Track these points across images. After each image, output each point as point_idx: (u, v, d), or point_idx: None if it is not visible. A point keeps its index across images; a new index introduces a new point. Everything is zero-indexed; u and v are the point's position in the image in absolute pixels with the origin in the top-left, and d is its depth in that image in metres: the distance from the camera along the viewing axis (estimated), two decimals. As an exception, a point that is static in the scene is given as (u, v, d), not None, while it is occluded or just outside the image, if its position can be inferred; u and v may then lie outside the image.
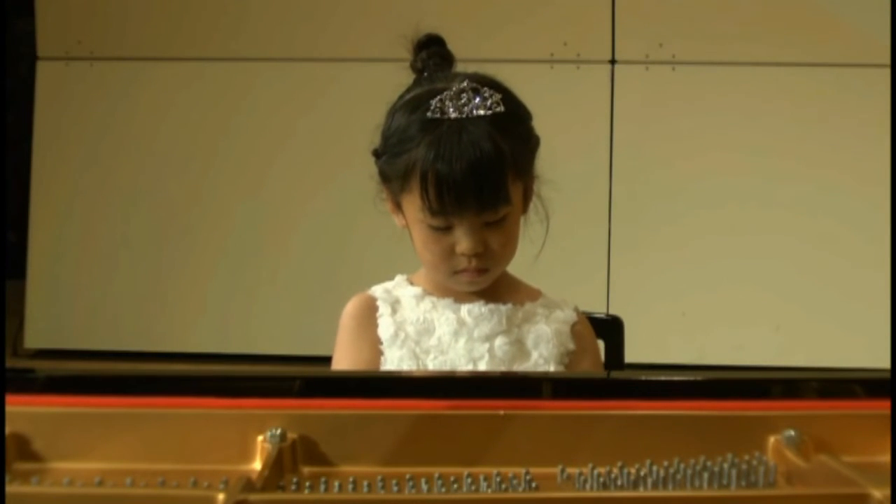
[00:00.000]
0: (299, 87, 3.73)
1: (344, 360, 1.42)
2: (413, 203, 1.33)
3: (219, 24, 3.75)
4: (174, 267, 3.80)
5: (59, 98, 3.78)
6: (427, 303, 1.42)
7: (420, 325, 1.40)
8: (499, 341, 1.39)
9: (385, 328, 1.41)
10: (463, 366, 1.38)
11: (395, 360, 1.39)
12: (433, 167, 1.29)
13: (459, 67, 1.41)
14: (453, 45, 1.44)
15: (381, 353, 1.40)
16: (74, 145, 3.80)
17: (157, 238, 3.80)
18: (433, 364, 1.38)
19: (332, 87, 3.67)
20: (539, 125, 1.42)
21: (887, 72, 3.44)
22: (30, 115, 3.81)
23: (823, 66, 3.58)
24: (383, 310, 1.42)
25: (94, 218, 3.81)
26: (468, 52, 1.43)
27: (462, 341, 1.39)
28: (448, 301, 1.41)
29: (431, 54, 1.40)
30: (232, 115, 3.76)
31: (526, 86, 1.42)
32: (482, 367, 1.37)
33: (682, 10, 3.62)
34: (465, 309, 1.40)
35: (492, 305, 1.41)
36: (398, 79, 1.42)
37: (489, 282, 1.40)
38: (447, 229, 1.33)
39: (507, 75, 1.40)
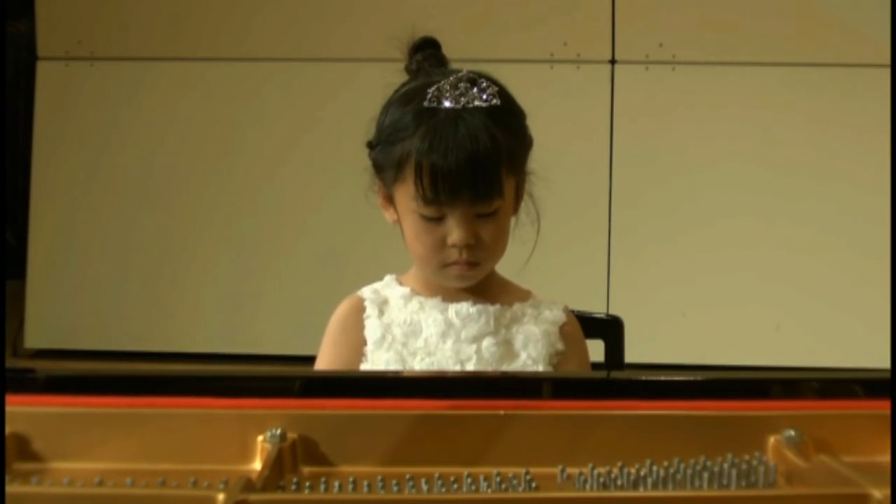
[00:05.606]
0: (303, 88, 3.72)
1: (321, 362, 1.42)
2: (406, 193, 1.33)
3: (221, 23, 3.75)
4: (175, 267, 3.80)
5: (59, 98, 3.78)
6: (415, 303, 1.41)
7: (407, 327, 1.39)
8: (486, 342, 1.38)
9: (372, 330, 1.40)
10: (450, 367, 1.37)
11: (381, 363, 1.38)
12: (428, 156, 1.29)
13: (460, 67, 1.41)
14: (453, 45, 1.44)
15: (363, 355, 1.40)
16: (74, 146, 3.79)
17: (158, 238, 3.80)
18: (420, 366, 1.37)
19: (337, 88, 3.66)
20: (539, 125, 1.41)
21: (887, 72, 3.44)
22: (30, 115, 3.81)
23: (823, 66, 3.58)
24: (370, 311, 1.41)
25: (94, 218, 3.80)
26: (468, 52, 1.43)
27: (450, 342, 1.38)
28: (436, 301, 1.40)
29: (427, 56, 1.40)
30: (233, 115, 3.75)
31: (526, 86, 1.41)
32: (469, 368, 1.37)
33: (682, 10, 3.61)
34: (452, 310, 1.39)
35: (480, 306, 1.40)
36: (402, 80, 1.42)
37: (479, 277, 1.39)
38: (439, 220, 1.33)
39: (507, 75, 1.40)
